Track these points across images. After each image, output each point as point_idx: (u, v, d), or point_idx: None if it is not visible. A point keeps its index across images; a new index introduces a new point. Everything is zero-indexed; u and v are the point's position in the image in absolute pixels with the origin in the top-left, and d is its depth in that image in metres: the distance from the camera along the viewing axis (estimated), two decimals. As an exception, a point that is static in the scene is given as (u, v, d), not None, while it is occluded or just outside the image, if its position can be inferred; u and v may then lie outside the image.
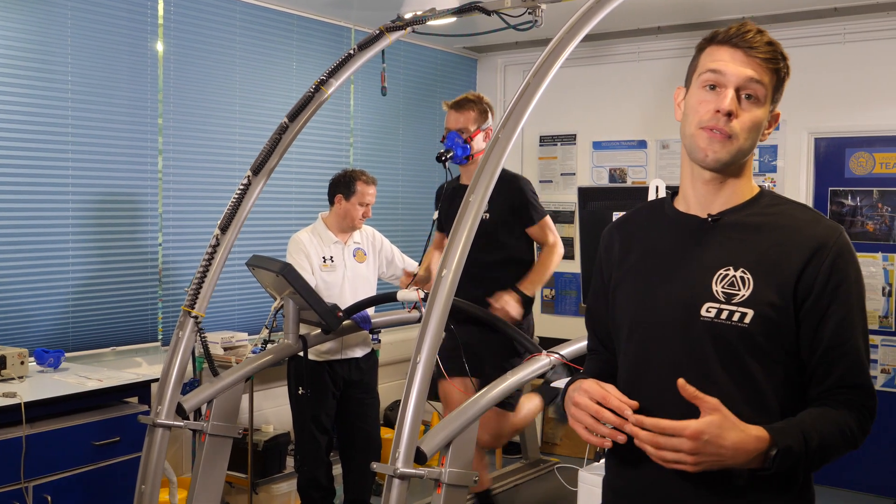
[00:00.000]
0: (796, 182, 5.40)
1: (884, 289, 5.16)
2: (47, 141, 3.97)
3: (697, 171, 1.61)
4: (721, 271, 1.55)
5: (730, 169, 1.58)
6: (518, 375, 2.79)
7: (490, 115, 3.69)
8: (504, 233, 3.65)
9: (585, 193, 4.87)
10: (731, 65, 1.53)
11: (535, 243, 3.77)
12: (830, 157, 5.34)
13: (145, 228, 4.39)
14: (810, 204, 5.35)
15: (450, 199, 3.70)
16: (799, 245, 1.53)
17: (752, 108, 1.54)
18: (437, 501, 2.29)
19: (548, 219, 3.71)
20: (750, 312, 1.50)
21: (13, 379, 3.52)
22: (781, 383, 1.52)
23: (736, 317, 1.51)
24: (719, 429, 1.38)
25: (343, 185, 4.08)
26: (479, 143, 3.63)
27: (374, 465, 2.24)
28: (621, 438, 1.48)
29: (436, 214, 3.72)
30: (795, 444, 1.43)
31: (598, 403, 1.51)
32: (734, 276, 1.53)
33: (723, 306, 1.52)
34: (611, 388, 1.53)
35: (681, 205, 1.67)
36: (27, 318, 3.93)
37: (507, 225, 3.64)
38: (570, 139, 6.28)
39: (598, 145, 6.15)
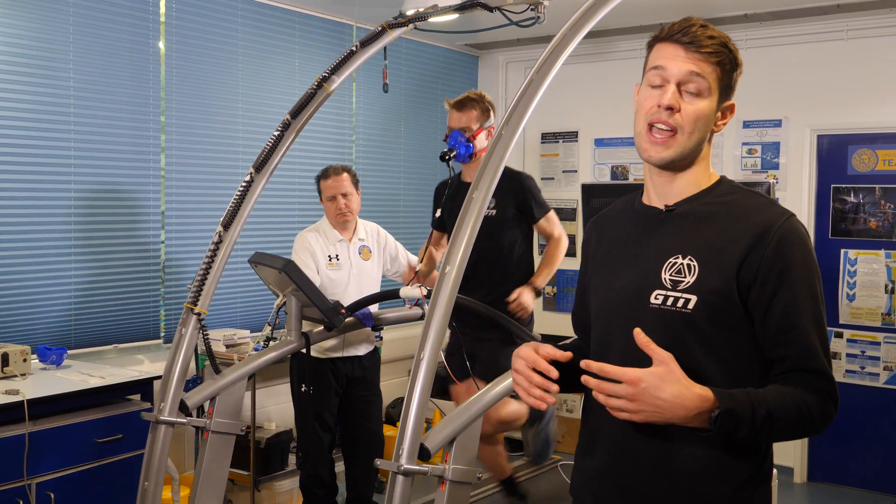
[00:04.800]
0: (799, 179, 5.39)
1: (886, 286, 5.15)
2: (50, 138, 3.97)
3: (651, 165, 1.67)
4: (670, 259, 1.61)
5: (679, 163, 1.63)
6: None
7: (492, 113, 3.73)
8: (508, 229, 3.69)
9: (588, 190, 4.87)
10: (672, 61, 1.59)
11: (532, 241, 3.86)
12: (833, 154, 5.33)
13: (147, 226, 4.39)
14: (812, 201, 5.35)
15: (453, 196, 3.71)
16: (744, 231, 1.56)
17: (696, 101, 1.59)
18: (440, 498, 2.29)
19: (553, 213, 3.81)
20: (693, 298, 1.55)
21: (16, 376, 3.52)
22: (725, 368, 1.56)
23: (680, 303, 1.56)
24: (660, 380, 1.42)
25: (317, 189, 4.13)
26: (481, 141, 3.67)
27: (378, 462, 2.24)
28: (550, 400, 1.59)
29: (438, 212, 3.74)
30: (741, 409, 1.45)
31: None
32: (681, 263, 1.59)
33: (669, 293, 1.58)
34: (544, 349, 1.62)
35: (645, 197, 1.74)
36: (30, 315, 3.93)
37: (511, 222, 3.69)
38: (571, 136, 6.27)
39: (599, 142, 6.14)
